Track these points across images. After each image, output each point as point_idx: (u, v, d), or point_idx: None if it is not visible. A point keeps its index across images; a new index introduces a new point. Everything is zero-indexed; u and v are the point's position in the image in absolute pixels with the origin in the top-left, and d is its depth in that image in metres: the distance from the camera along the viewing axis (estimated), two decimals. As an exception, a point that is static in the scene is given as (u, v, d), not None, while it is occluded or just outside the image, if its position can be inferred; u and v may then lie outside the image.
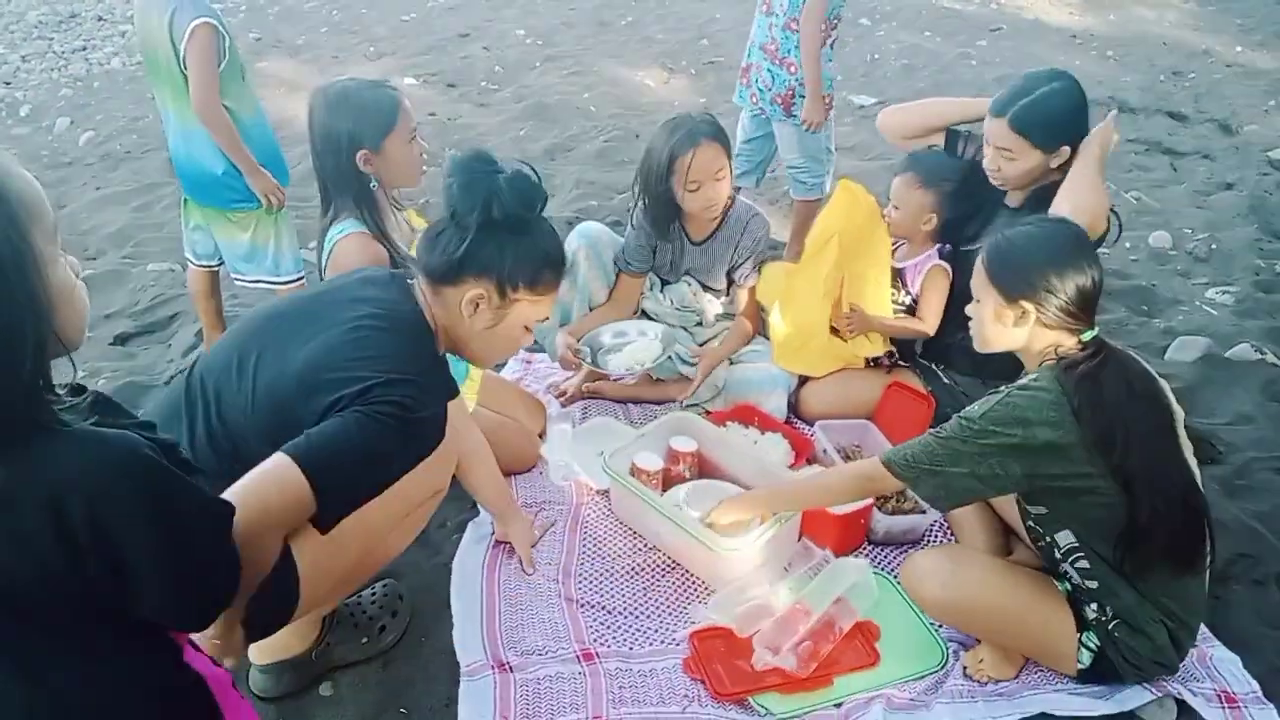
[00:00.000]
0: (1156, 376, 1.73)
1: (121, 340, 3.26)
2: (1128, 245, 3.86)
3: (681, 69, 6.27)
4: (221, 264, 2.93)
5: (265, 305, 1.80)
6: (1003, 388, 1.70)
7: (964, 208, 2.51)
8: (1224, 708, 1.81)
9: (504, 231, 1.60)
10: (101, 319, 3.34)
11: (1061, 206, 2.12)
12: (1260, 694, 1.85)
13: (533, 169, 1.66)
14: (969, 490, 1.69)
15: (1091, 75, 6.05)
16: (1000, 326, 1.74)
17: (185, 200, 2.87)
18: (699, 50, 6.67)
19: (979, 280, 1.78)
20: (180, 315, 3.34)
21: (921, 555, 1.85)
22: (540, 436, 2.53)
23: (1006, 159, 2.27)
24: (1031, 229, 1.77)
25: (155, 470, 1.01)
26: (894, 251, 2.64)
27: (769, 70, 3.37)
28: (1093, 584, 1.73)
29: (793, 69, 3.31)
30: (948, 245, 2.56)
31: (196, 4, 2.54)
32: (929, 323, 2.54)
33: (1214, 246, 3.82)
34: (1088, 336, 1.71)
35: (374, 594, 1.94)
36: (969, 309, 1.83)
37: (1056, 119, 2.22)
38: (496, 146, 5.00)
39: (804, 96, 3.29)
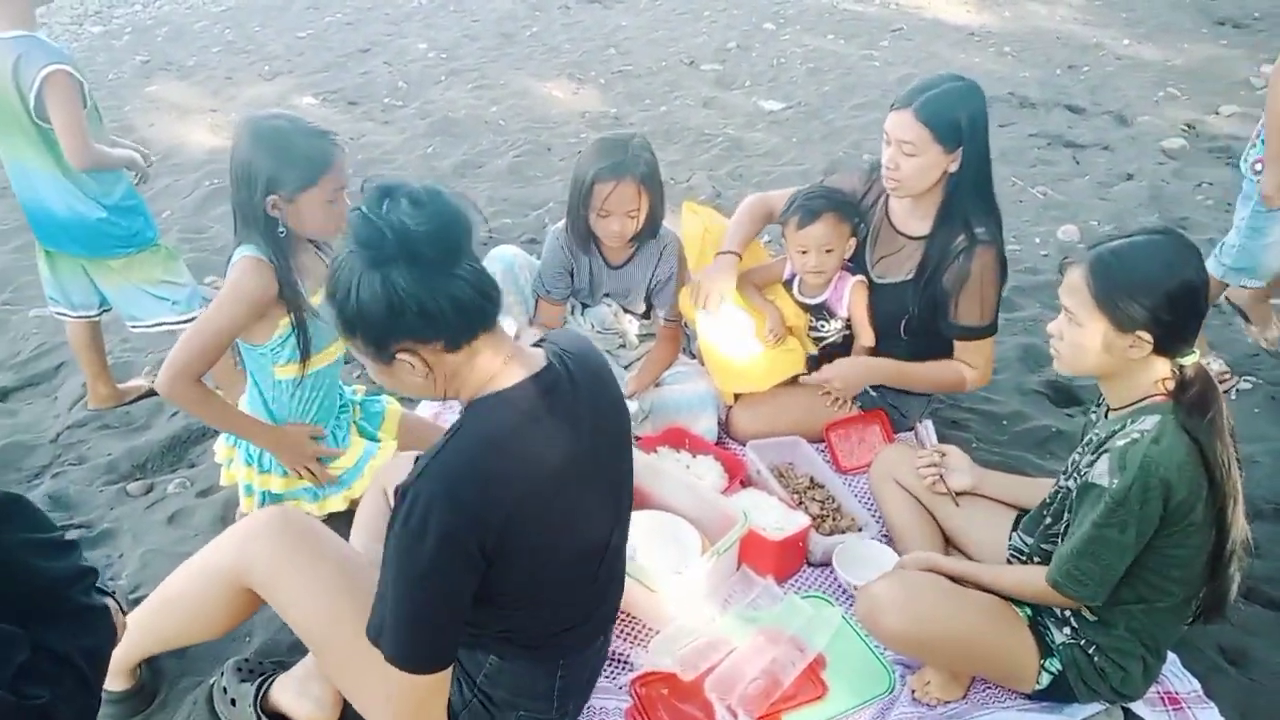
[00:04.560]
0: None
1: (2, 395, 3.01)
2: (1037, 240, 3.93)
3: (590, 79, 6.18)
4: (104, 311, 2.74)
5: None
6: (1119, 441, 1.56)
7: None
8: (1169, 710, 1.82)
9: None
10: (-21, 372, 3.09)
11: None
12: (1201, 693, 1.85)
13: None
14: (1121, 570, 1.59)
15: (991, 72, 6.18)
16: (1107, 356, 1.59)
17: (48, 252, 2.63)
18: (606, 59, 6.60)
19: (1079, 301, 1.59)
20: (65, 365, 3.11)
21: (878, 586, 1.78)
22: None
23: (907, 154, 2.22)
24: (1139, 242, 1.58)
25: None
26: (790, 286, 2.62)
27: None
28: (1089, 616, 1.68)
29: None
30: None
31: (46, 49, 2.34)
32: (869, 336, 2.54)
33: (1120, 238, 3.91)
34: (1190, 360, 1.57)
35: None
36: (1053, 326, 1.69)
37: (960, 113, 2.20)
38: (404, 165, 4.85)
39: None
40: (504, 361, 1.38)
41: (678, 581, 1.95)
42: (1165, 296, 1.52)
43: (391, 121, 5.52)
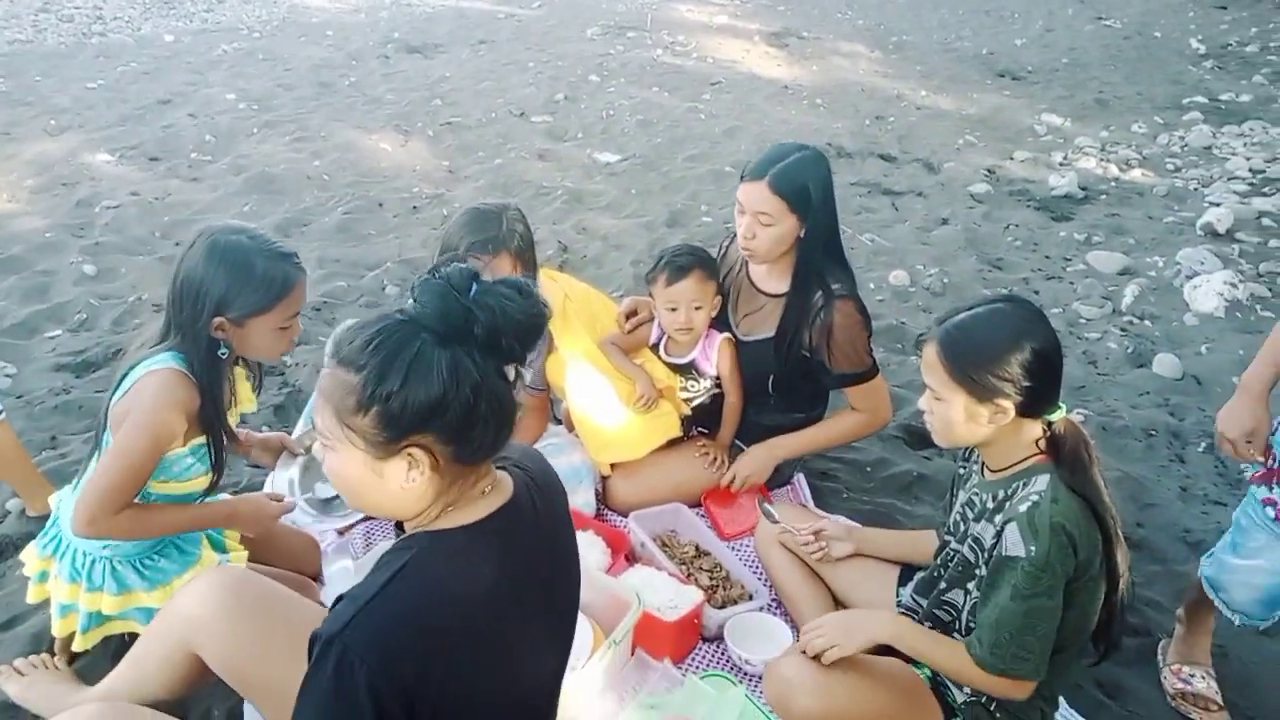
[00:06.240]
0: None
1: None
2: (872, 286, 4.10)
3: (418, 131, 6.00)
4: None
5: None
6: (1020, 507, 1.56)
7: None
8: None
9: None
10: None
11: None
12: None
13: None
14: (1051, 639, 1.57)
15: (807, 124, 6.51)
16: (974, 425, 1.61)
17: None
18: (433, 110, 6.43)
19: (936, 378, 1.62)
20: None
21: (783, 664, 1.73)
22: (316, 580, 2.19)
23: (764, 224, 2.26)
24: (982, 314, 1.62)
25: None
26: (657, 348, 2.59)
27: None
28: None
29: None
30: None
31: None
32: (738, 394, 2.52)
33: (945, 280, 4.15)
34: (1057, 416, 1.61)
35: None
36: (922, 402, 1.70)
37: (811, 183, 2.26)
38: (219, 227, 4.48)
39: None
40: (483, 490, 1.25)
41: (573, 678, 1.82)
42: (1016, 364, 1.57)
43: (201, 178, 5.12)
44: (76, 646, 1.92)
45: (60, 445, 2.81)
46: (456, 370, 1.13)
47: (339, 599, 1.18)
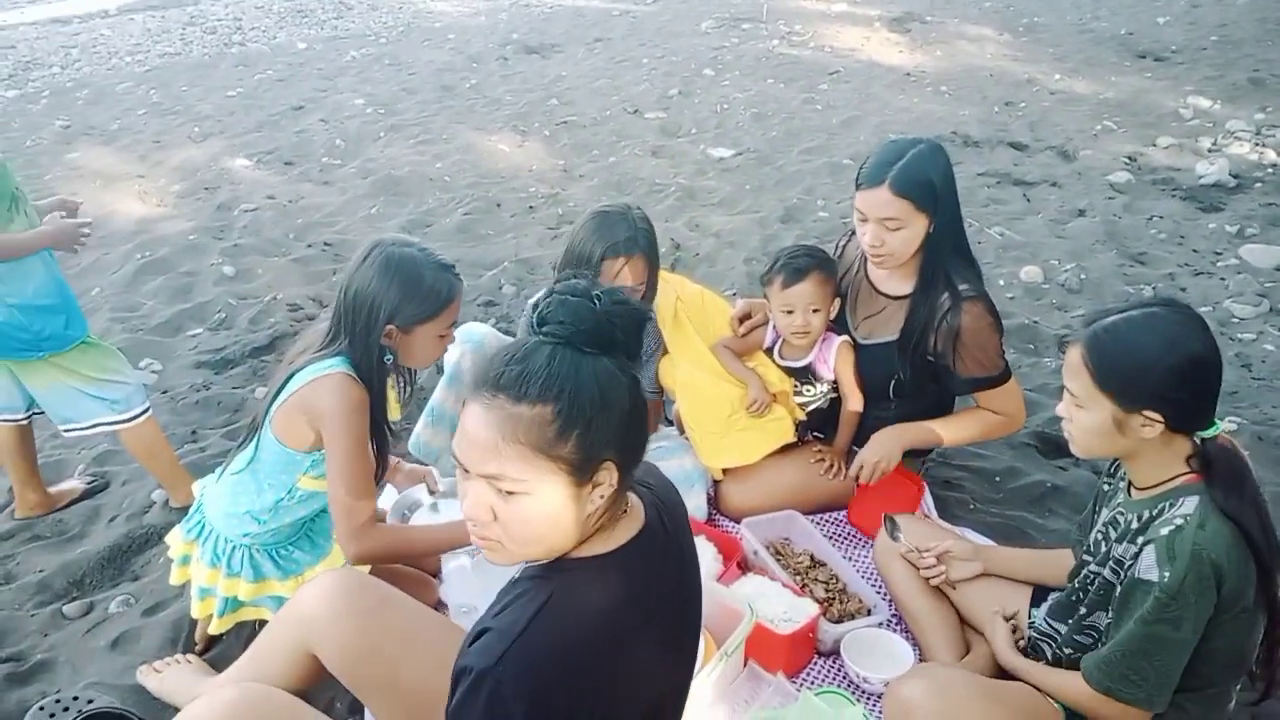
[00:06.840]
0: None
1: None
2: (1001, 283, 3.91)
3: (534, 131, 6.08)
4: (33, 415, 2.50)
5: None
6: (1162, 530, 1.46)
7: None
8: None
9: None
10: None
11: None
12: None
13: None
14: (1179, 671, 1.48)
15: (930, 112, 6.26)
16: (1117, 437, 1.51)
17: None
18: (549, 110, 6.51)
19: (1080, 384, 1.52)
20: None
21: (904, 686, 1.64)
22: (435, 577, 2.23)
23: (893, 229, 2.15)
24: (1135, 318, 1.49)
25: None
26: (771, 351, 2.52)
27: None
28: None
29: None
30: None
31: None
32: (857, 399, 2.43)
33: (1083, 276, 3.91)
34: (1211, 433, 1.49)
35: None
36: (1061, 408, 1.61)
37: (935, 176, 2.15)
38: (347, 227, 4.67)
39: None
40: (624, 510, 1.24)
41: (685, 688, 1.79)
42: (1170, 374, 1.44)
43: (332, 181, 5.34)
44: (213, 629, 2.03)
45: (201, 439, 2.97)
46: (622, 377, 1.16)
47: (484, 630, 1.16)
